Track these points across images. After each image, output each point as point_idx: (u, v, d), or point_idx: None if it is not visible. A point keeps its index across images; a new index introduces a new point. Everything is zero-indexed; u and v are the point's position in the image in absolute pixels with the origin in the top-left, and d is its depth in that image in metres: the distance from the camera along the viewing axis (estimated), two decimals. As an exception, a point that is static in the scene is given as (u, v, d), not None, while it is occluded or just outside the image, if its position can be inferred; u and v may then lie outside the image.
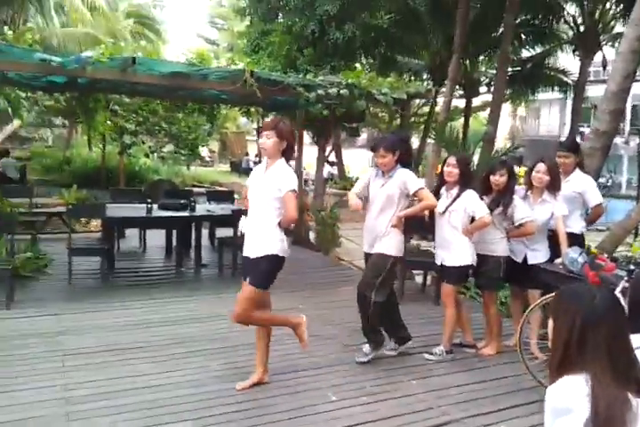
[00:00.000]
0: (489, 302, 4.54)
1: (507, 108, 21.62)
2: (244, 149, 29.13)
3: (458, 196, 4.28)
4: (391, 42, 14.05)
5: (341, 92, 6.56)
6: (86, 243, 6.89)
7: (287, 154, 3.62)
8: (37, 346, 4.24)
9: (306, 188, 11.73)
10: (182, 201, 7.20)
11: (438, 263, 4.47)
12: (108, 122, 10.02)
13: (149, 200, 6.86)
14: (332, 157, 16.22)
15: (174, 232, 7.58)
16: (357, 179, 14.68)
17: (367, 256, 4.21)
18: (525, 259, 4.46)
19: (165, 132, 11.45)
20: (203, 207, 7.69)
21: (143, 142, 11.45)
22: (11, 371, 3.75)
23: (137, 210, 6.91)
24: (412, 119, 15.08)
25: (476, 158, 8.99)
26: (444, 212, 4.32)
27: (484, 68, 15.23)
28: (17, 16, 13.73)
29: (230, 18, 26.14)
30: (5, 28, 12.48)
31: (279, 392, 3.62)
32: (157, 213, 6.90)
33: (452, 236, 4.31)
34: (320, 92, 6.54)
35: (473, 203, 4.24)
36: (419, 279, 6.68)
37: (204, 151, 12.88)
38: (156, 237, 8.00)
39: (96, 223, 8.87)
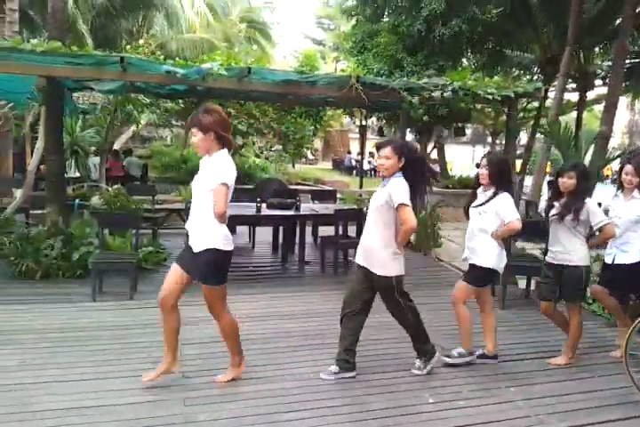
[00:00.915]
0: (572, 314, 4.33)
1: (624, 100, 20.24)
2: (346, 146, 29.46)
3: (491, 198, 4.10)
4: (500, 36, 13.70)
5: (445, 95, 6.57)
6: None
7: (224, 143, 3.48)
8: (156, 335, 4.55)
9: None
10: (289, 200, 7.58)
11: (462, 257, 4.35)
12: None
13: (259, 199, 7.30)
14: (435, 155, 16.06)
15: (280, 229, 8.00)
16: (460, 177, 14.48)
17: (357, 267, 4.00)
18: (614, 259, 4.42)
19: (274, 133, 11.97)
20: (307, 206, 8.04)
21: (254, 143, 12.06)
22: (132, 358, 4.14)
23: (248, 208, 7.38)
24: (521, 114, 14.61)
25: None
26: (476, 208, 4.19)
27: (599, 61, 14.41)
28: (142, 25, 14.85)
29: (337, 18, 26.51)
30: (124, 41, 13.65)
31: (379, 391, 3.79)
32: (266, 211, 7.32)
33: (479, 238, 4.16)
34: (424, 95, 6.59)
35: (504, 206, 4.02)
36: (522, 284, 6.58)
37: (308, 153, 13.30)
38: (264, 234, 8.45)
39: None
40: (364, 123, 11.15)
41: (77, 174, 11.30)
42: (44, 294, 5.67)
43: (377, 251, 3.82)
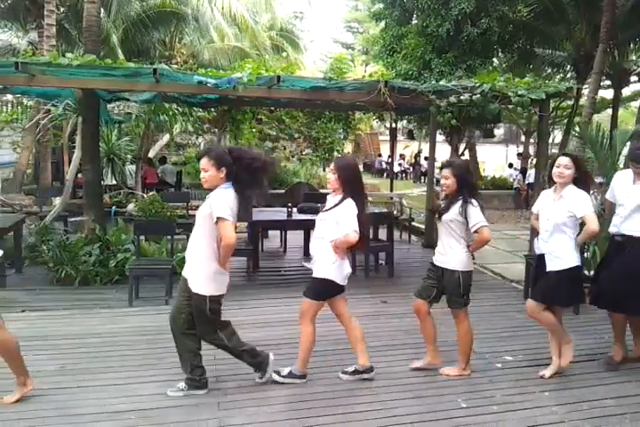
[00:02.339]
0: (456, 321, 4.11)
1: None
2: (376, 149, 29.39)
3: (335, 205, 3.83)
4: (531, 34, 13.55)
5: (474, 97, 6.54)
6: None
7: None
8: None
9: (437, 187, 11.66)
10: (319, 204, 7.63)
11: (307, 265, 4.11)
12: (253, 130, 10.83)
13: (290, 204, 7.41)
14: (466, 155, 15.91)
15: (311, 233, 8.05)
16: (492, 178, 14.31)
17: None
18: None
19: (305, 137, 12.08)
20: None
21: (284, 148, 12.20)
22: (167, 362, 4.21)
23: (279, 213, 7.49)
24: (554, 113, 14.38)
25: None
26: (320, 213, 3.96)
27: (635, 57, 14.11)
28: (174, 34, 15.17)
29: (366, 21, 26.56)
30: (157, 51, 13.94)
31: (410, 395, 3.80)
32: (296, 215, 7.41)
33: (317, 247, 3.91)
34: (452, 98, 6.57)
35: (344, 215, 3.74)
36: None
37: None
38: (296, 238, 8.53)
39: (242, 224, 9.61)
40: (393, 125, 11.13)
41: (114, 182, 11.58)
42: (82, 299, 5.84)
43: (197, 265, 3.62)
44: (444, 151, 10.47)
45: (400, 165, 25.95)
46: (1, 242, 6.25)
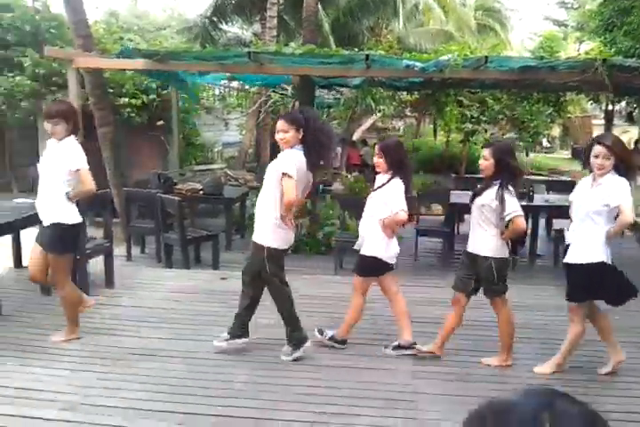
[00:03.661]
0: (495, 311, 3.98)
1: None
2: (588, 134, 26.97)
3: (383, 184, 3.96)
4: None
5: None
6: (430, 225, 7.74)
7: (74, 130, 3.82)
8: (386, 311, 4.76)
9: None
10: (521, 190, 7.46)
11: (356, 247, 4.15)
12: (454, 112, 10.82)
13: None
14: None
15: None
16: None
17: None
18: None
19: (507, 120, 11.70)
20: (541, 197, 7.81)
21: (485, 131, 11.96)
22: (364, 327, 4.48)
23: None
24: None
25: None
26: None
27: None
28: (381, 21, 15.61)
29: (583, -5, 24.42)
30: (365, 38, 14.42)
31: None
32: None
33: (368, 225, 4.03)
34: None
35: (392, 195, 3.87)
36: None
37: (544, 140, 12.56)
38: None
39: (439, 208, 9.75)
40: (610, 108, 10.24)
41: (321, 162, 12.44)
42: (293, 265, 6.41)
43: (261, 217, 3.84)
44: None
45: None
46: (229, 211, 7.21)
